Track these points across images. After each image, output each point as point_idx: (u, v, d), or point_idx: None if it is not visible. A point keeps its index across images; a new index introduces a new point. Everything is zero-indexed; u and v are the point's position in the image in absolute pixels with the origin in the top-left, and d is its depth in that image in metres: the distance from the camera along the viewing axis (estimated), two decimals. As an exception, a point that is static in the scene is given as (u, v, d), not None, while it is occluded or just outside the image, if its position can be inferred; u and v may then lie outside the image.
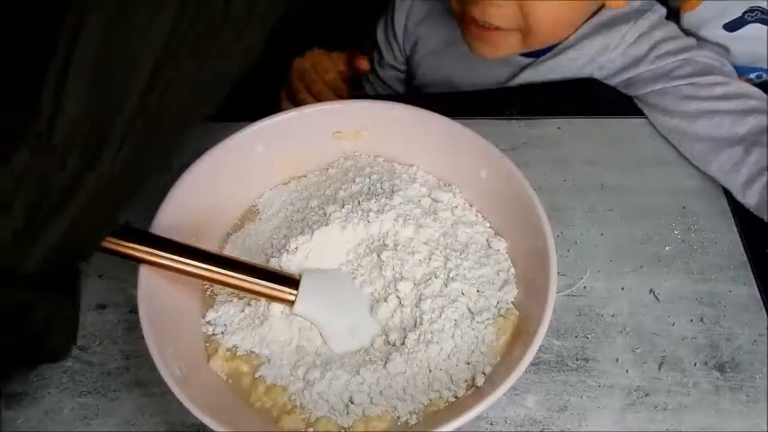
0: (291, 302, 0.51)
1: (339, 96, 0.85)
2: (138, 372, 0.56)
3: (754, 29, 0.73)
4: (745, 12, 0.73)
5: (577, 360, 0.57)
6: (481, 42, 0.71)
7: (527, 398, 0.55)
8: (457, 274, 0.54)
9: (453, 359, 0.51)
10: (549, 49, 0.77)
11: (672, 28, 0.76)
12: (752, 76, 0.80)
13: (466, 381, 0.50)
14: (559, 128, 0.73)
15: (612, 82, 0.77)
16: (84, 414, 0.55)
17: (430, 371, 0.51)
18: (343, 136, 0.62)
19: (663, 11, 0.76)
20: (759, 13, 0.73)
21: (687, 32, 0.77)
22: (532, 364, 0.56)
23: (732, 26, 0.74)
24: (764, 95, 0.69)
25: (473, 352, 0.51)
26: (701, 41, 0.77)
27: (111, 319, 0.60)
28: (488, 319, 0.52)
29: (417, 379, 0.50)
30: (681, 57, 0.72)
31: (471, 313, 0.53)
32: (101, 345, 0.58)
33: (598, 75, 0.77)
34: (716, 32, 0.75)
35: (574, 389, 0.55)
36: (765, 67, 0.79)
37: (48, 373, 0.57)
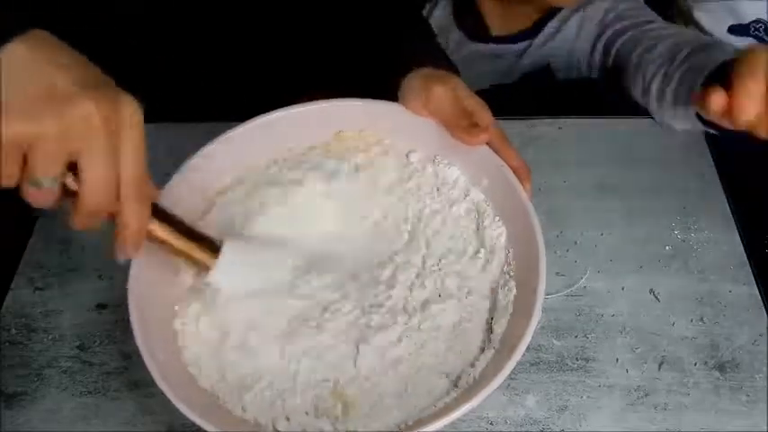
0: (208, 268, 0.50)
1: None
2: (138, 372, 0.56)
3: None
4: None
5: (577, 360, 0.57)
6: None
7: (527, 398, 0.55)
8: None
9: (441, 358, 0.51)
10: (539, 29, 0.85)
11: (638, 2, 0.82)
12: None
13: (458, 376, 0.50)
14: (560, 128, 0.73)
15: (596, 59, 0.81)
16: (84, 414, 0.55)
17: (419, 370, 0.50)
18: (345, 135, 0.62)
19: None
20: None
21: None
22: (532, 364, 0.57)
23: None
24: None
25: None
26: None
27: (111, 319, 0.60)
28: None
29: (411, 377, 0.50)
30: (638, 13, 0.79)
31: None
32: (101, 345, 0.58)
33: (583, 48, 0.83)
34: None
35: (574, 389, 0.55)
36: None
37: (48, 373, 0.57)
